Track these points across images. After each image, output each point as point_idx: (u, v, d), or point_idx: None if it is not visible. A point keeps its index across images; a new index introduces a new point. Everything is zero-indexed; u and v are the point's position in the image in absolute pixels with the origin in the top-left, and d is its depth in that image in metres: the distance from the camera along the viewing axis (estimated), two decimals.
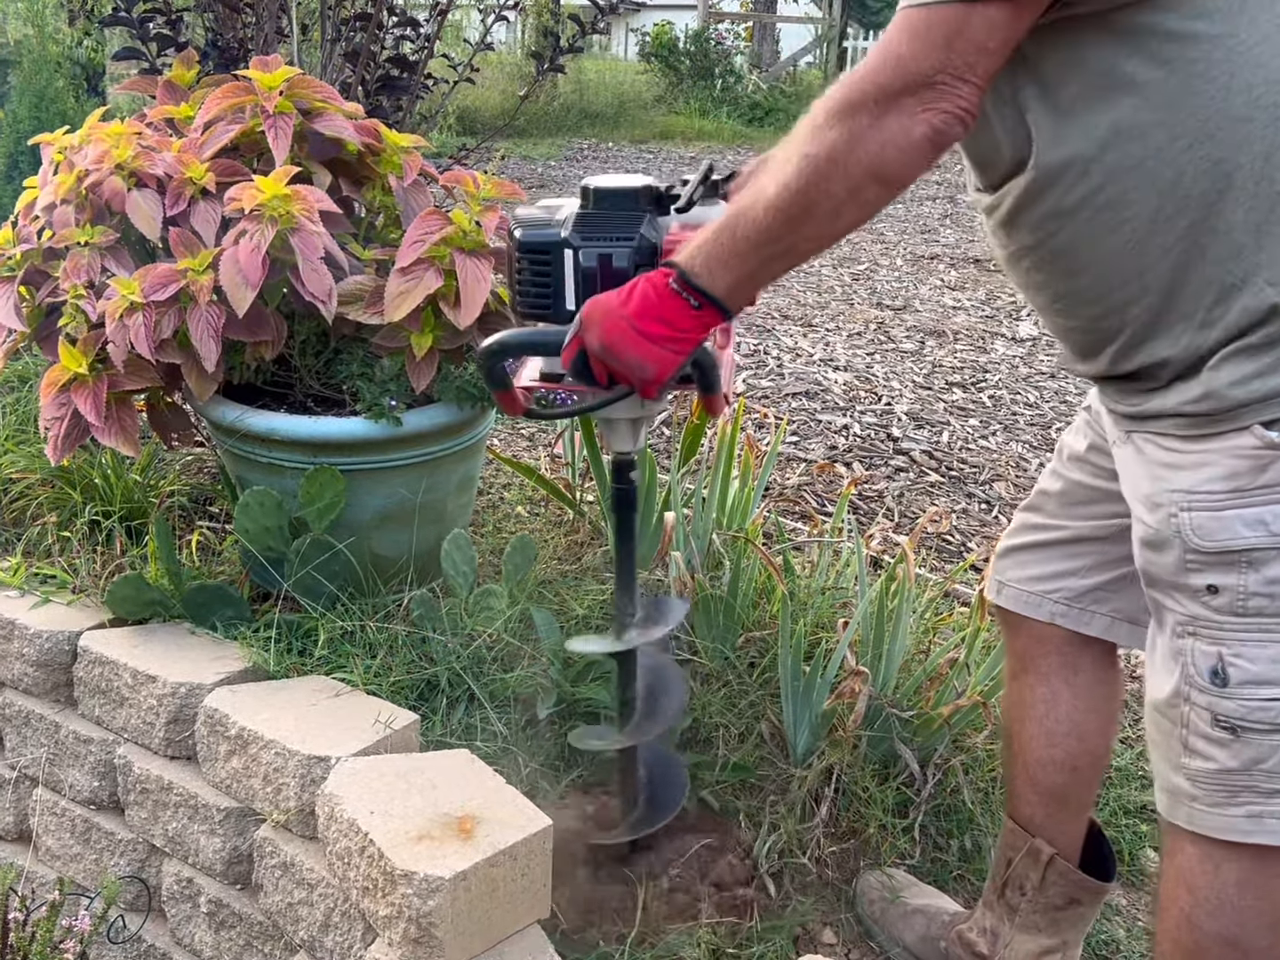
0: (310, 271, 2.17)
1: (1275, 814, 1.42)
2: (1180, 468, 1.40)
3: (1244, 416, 1.33)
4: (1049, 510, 1.80)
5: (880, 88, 1.25)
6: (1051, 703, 1.83)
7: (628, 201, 1.60)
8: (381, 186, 2.46)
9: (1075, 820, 1.89)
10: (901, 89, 1.24)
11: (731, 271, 1.37)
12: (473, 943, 1.69)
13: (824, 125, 1.28)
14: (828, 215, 1.31)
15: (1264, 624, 1.37)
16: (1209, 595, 1.39)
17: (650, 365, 1.43)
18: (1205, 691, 1.42)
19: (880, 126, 1.25)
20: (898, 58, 1.25)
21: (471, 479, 2.57)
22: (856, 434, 3.95)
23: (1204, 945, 1.51)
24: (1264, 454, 1.33)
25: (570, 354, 1.49)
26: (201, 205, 2.29)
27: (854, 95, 1.26)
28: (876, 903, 2.10)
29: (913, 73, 1.24)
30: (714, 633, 2.42)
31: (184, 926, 2.16)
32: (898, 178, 1.29)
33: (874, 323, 5.37)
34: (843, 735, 2.21)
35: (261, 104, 2.32)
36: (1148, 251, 1.35)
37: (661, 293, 1.40)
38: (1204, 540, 1.38)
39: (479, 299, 2.19)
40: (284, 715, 2.02)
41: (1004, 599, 1.86)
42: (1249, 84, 1.28)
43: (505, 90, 11.75)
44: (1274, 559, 1.34)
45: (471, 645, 2.24)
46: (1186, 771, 1.47)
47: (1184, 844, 1.51)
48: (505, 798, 1.83)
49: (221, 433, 2.36)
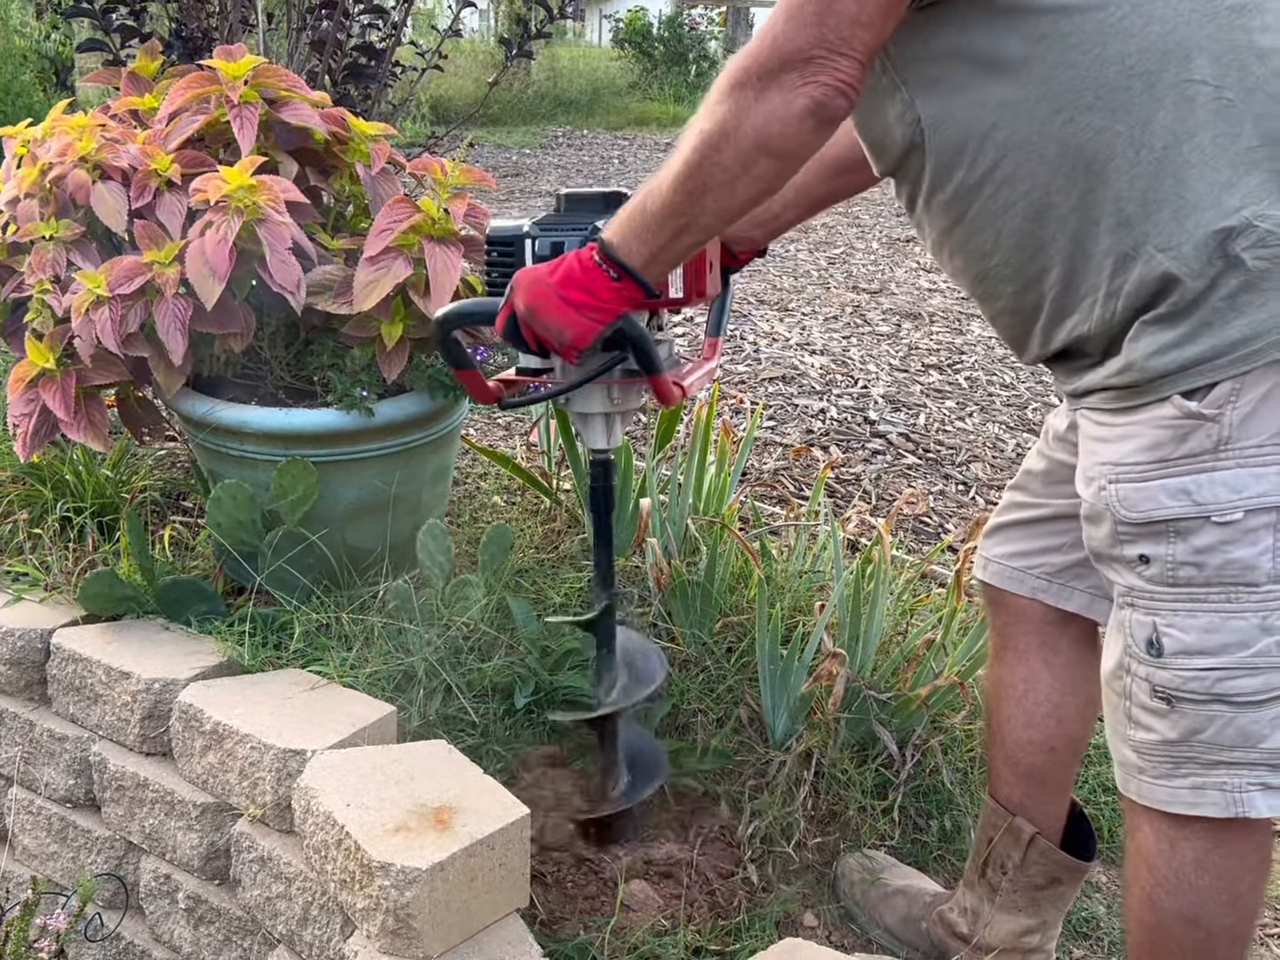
0: (278, 262, 2.15)
1: (1216, 785, 1.43)
2: (1107, 441, 1.43)
3: (1164, 387, 1.35)
4: (1033, 489, 1.81)
5: (761, 64, 1.31)
6: (1030, 683, 1.84)
7: (592, 203, 1.73)
8: (349, 175, 2.44)
9: (1055, 800, 1.90)
10: (780, 65, 1.30)
11: (645, 245, 1.44)
12: (451, 933, 1.68)
13: (715, 102, 1.35)
14: (723, 187, 1.37)
15: (1194, 594, 1.39)
16: (1141, 566, 1.41)
17: (569, 330, 1.50)
18: (1143, 662, 1.44)
19: (763, 100, 1.31)
20: (774, 36, 1.30)
21: (446, 469, 2.56)
22: (833, 418, 3.95)
23: (1165, 924, 1.53)
24: (1184, 423, 1.34)
25: (502, 318, 1.57)
26: (167, 197, 2.27)
27: (739, 73, 1.33)
28: (857, 885, 2.10)
29: (789, 49, 1.29)
30: (691, 618, 2.41)
31: (163, 923, 2.15)
32: (785, 150, 1.34)
33: (850, 306, 5.37)
34: (821, 718, 2.21)
35: (226, 94, 2.29)
36: (1047, 224, 1.39)
37: (585, 264, 1.47)
38: (1130, 511, 1.40)
39: (449, 287, 2.17)
40: (259, 709, 2.01)
41: (989, 575, 1.87)
42: (1121, 53, 1.31)
43: (479, 79, 11.69)
44: (1200, 528, 1.36)
45: (447, 635, 2.23)
46: (1132, 743, 1.49)
47: (1141, 823, 1.53)
48: (483, 787, 1.82)
49: (192, 426, 2.34)
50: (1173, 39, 1.30)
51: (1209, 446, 1.34)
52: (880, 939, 2.06)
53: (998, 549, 1.85)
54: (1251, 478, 1.33)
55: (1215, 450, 1.34)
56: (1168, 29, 1.30)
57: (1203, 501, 1.35)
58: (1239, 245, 1.29)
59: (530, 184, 8.56)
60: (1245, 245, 1.29)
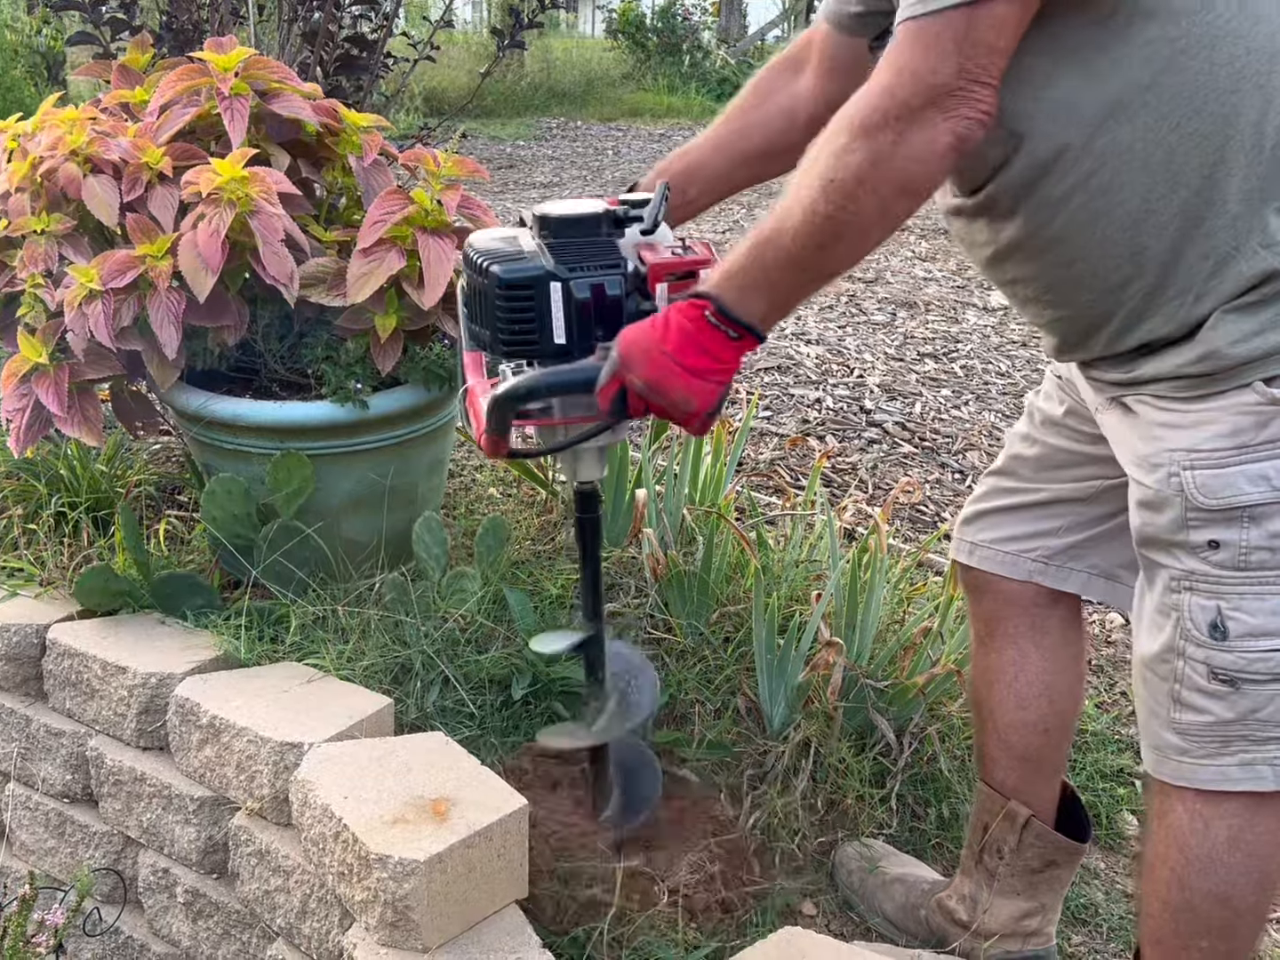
0: (271, 254, 2.14)
1: (1267, 760, 1.45)
2: (1180, 427, 1.41)
3: (1245, 374, 1.36)
4: (1024, 475, 1.80)
5: (901, 103, 1.24)
6: (1021, 665, 1.84)
7: (592, 228, 1.56)
8: (342, 167, 2.44)
9: (1049, 782, 1.91)
10: (923, 103, 1.23)
11: (765, 299, 1.36)
12: (450, 925, 1.68)
13: (845, 148, 1.27)
14: (858, 235, 1.31)
15: (1264, 577, 1.40)
16: (1209, 551, 1.41)
17: (695, 399, 1.40)
18: (1203, 645, 1.44)
19: (905, 143, 1.24)
20: (913, 72, 1.24)
21: (442, 461, 2.56)
22: (829, 407, 3.95)
23: (1194, 903, 1.54)
24: (1266, 410, 1.36)
25: (611, 393, 1.44)
26: (159, 190, 2.26)
27: (873, 115, 1.25)
28: (855, 873, 2.10)
29: (930, 85, 1.23)
30: (688, 609, 2.41)
31: (161, 917, 2.15)
32: (926, 189, 1.30)
33: (845, 295, 5.36)
34: (819, 707, 2.21)
35: (217, 86, 2.28)
36: (1143, 232, 1.36)
37: (700, 325, 1.37)
38: (1207, 498, 1.40)
39: (443, 279, 2.16)
40: (256, 703, 2.00)
41: (976, 560, 1.86)
42: (1231, 56, 1.29)
43: (472, 71, 11.66)
44: (1276, 513, 1.37)
45: (444, 628, 2.22)
46: (1177, 726, 1.49)
47: (1174, 804, 1.53)
48: (480, 779, 1.82)
49: (186, 420, 2.34)
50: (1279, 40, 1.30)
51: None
52: (879, 927, 2.06)
53: (985, 534, 1.84)
54: None
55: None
56: (1275, 28, 1.30)
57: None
58: None
59: (524, 175, 8.54)
60: None
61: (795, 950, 1.73)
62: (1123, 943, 2.13)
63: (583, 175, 8.66)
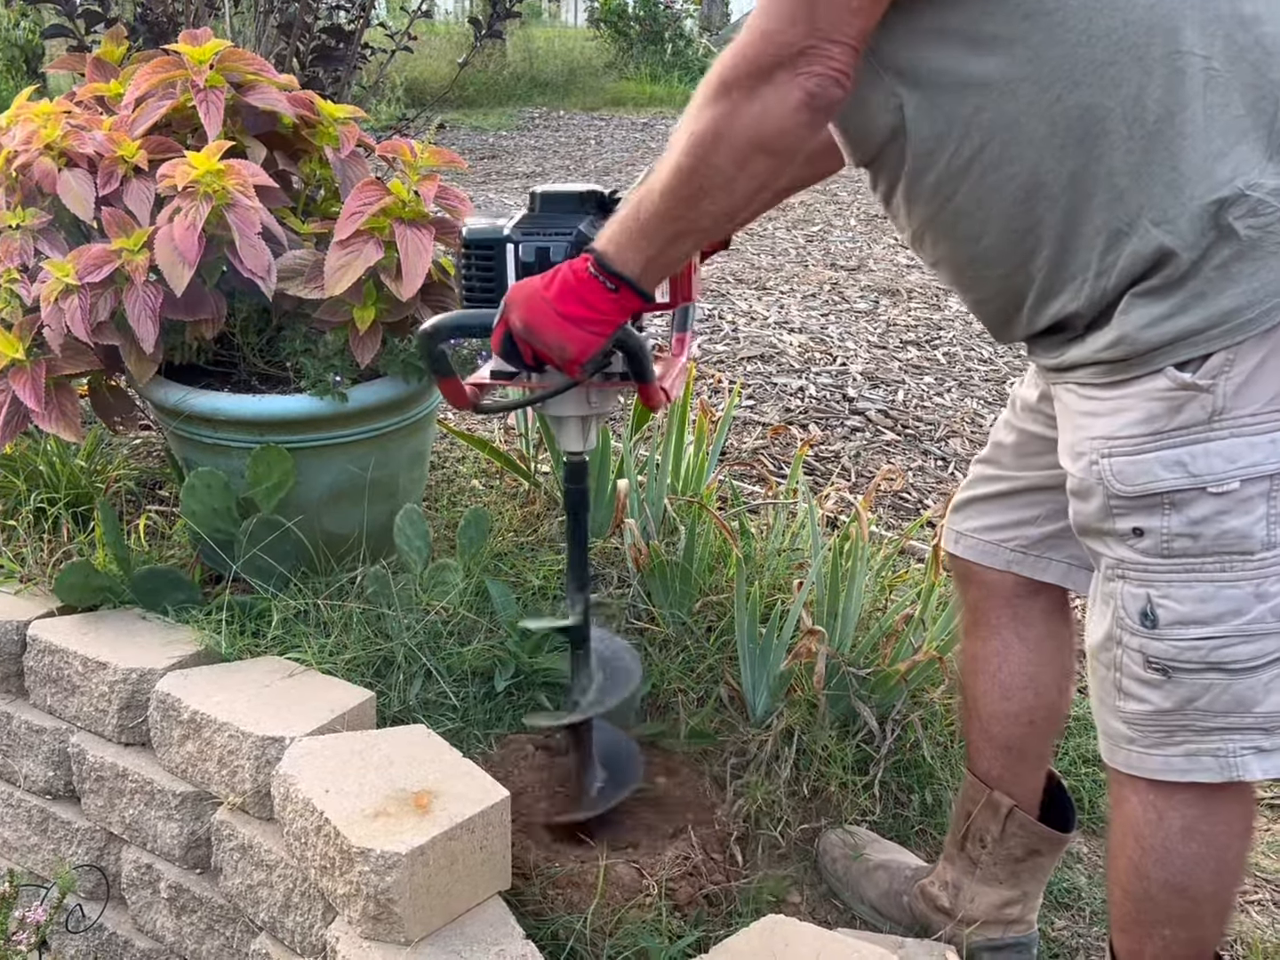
0: (248, 247, 2.14)
1: (1211, 751, 1.44)
2: (1098, 415, 1.41)
3: (1157, 359, 1.34)
4: (1004, 462, 1.81)
5: (751, 60, 1.28)
6: (1004, 656, 1.84)
7: (570, 203, 1.67)
8: (319, 159, 2.43)
9: (1033, 772, 1.91)
10: (772, 61, 1.27)
11: (641, 253, 1.41)
12: (433, 917, 1.68)
13: (705, 104, 1.31)
14: (721, 189, 1.34)
15: (1189, 564, 1.39)
16: (1135, 538, 1.41)
17: (570, 345, 1.47)
18: (1136, 634, 1.44)
19: (756, 96, 1.28)
20: (763, 31, 1.27)
21: (423, 453, 2.55)
22: (812, 395, 3.95)
23: (1152, 893, 1.54)
24: (1178, 395, 1.34)
25: (498, 335, 1.53)
26: (134, 184, 2.25)
27: (728, 72, 1.29)
28: (839, 861, 2.10)
29: (780, 44, 1.26)
30: (670, 599, 2.41)
31: (145, 913, 2.14)
32: (782, 146, 1.31)
33: (828, 284, 5.36)
34: (801, 695, 2.21)
35: (192, 79, 2.27)
36: (1037, 204, 1.37)
37: (580, 276, 1.44)
38: (1125, 485, 1.39)
39: (421, 270, 2.16)
40: (237, 697, 2.00)
41: (961, 549, 1.86)
42: (1108, 28, 1.29)
43: (453, 61, 11.58)
44: (1195, 499, 1.36)
45: (426, 620, 2.22)
46: (1122, 714, 1.50)
47: (1128, 794, 1.53)
48: (462, 771, 1.82)
49: (165, 415, 2.33)
50: (1159, 12, 1.29)
51: (1203, 418, 1.34)
52: (863, 914, 2.07)
53: (969, 523, 1.85)
54: (1246, 447, 1.33)
55: (1209, 421, 1.34)
56: (1153, 1, 1.29)
57: (1198, 473, 1.35)
58: (1232, 215, 1.29)
59: (507, 166, 8.52)
60: (1238, 215, 1.29)
61: (779, 938, 1.73)
62: (1106, 926, 2.12)
63: (565, 165, 8.64)
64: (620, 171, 8.38)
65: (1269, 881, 2.29)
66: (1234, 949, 2.12)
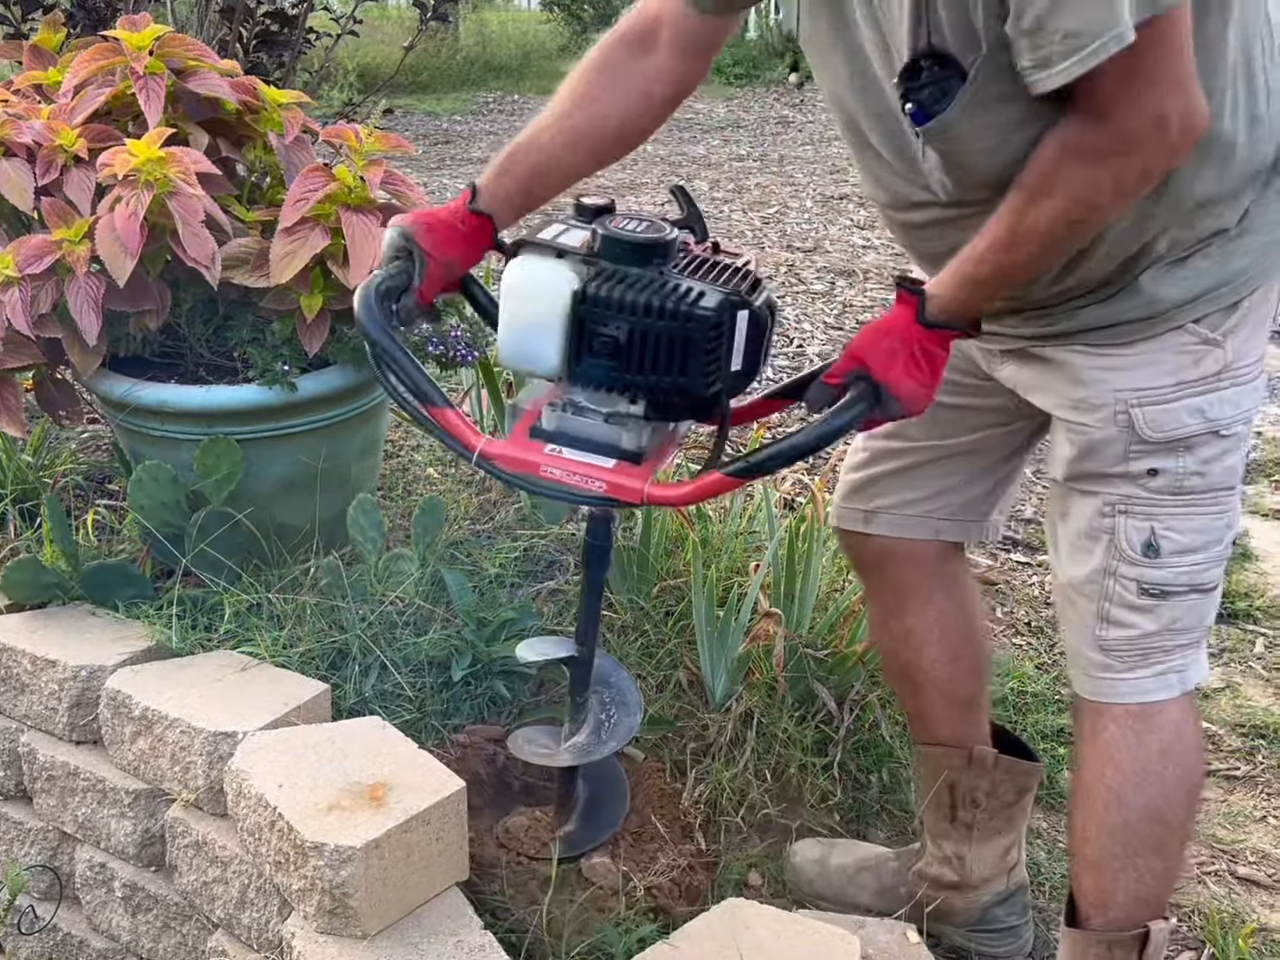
0: (191, 236, 2.10)
1: (1175, 668, 1.59)
2: (1120, 369, 1.51)
3: (1178, 316, 1.47)
4: (911, 435, 1.81)
5: (1125, 140, 1.28)
6: (942, 622, 1.90)
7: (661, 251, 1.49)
8: (263, 145, 2.39)
9: (984, 718, 1.98)
10: (1137, 131, 1.27)
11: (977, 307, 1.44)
12: (390, 910, 1.66)
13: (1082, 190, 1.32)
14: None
15: (1194, 499, 1.53)
16: (1148, 478, 1.52)
17: None
18: (1135, 564, 1.55)
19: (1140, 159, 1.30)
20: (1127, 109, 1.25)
21: (375, 442, 2.53)
22: (769, 378, 3.94)
23: (1131, 821, 1.62)
24: (1199, 349, 1.48)
25: None
26: (75, 173, 2.21)
27: (1083, 149, 1.29)
28: (816, 880, 2.08)
29: (1141, 112, 1.26)
30: (628, 584, 2.41)
31: (100, 912, 2.11)
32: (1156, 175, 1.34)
33: (785, 265, 5.36)
34: (760, 679, 2.21)
35: (131, 65, 2.23)
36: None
37: (943, 346, 1.43)
38: (1155, 431, 1.50)
39: (368, 256, 2.13)
40: (189, 693, 1.97)
41: (876, 526, 1.87)
42: None
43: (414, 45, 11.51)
44: (1206, 441, 1.50)
45: (381, 610, 2.20)
46: (1103, 642, 1.59)
47: (1106, 723, 1.62)
48: (418, 762, 1.80)
49: (112, 408, 2.29)
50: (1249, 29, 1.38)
51: (1216, 369, 1.48)
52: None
53: (882, 500, 1.85)
54: (1244, 394, 1.50)
55: (1220, 373, 1.48)
56: None
57: (1214, 418, 1.49)
58: None
59: (461, 151, 8.46)
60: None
61: (739, 921, 1.73)
62: (1064, 901, 2.14)
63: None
64: None
65: (1225, 852, 2.31)
66: (1191, 919, 2.14)
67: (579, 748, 1.85)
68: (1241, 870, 2.27)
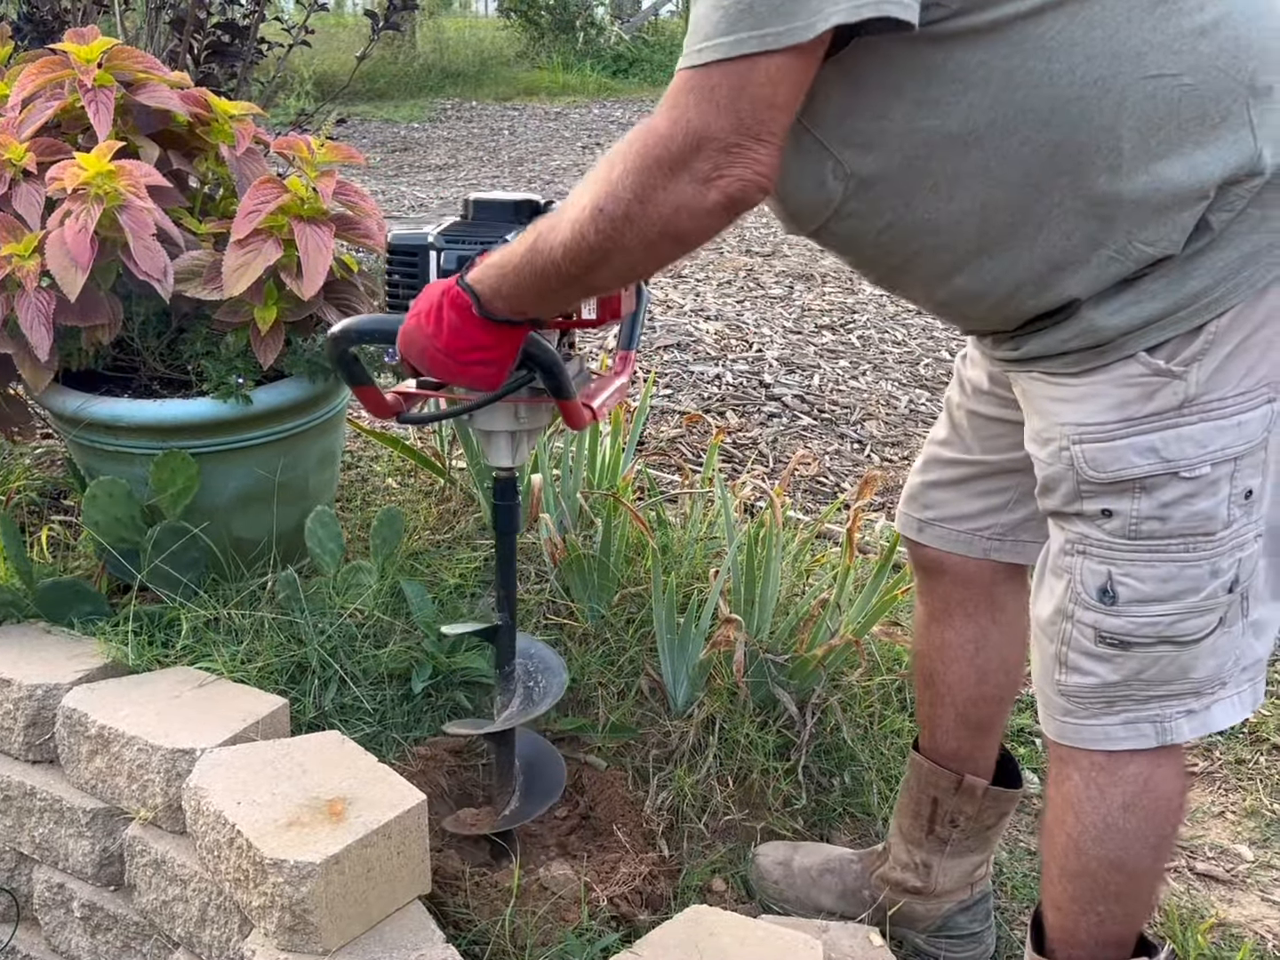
0: (142, 249, 2.08)
1: (1149, 719, 1.47)
2: (1067, 401, 1.40)
3: (1128, 345, 1.34)
4: (963, 444, 1.77)
5: (670, 151, 1.19)
6: (981, 641, 1.84)
7: (503, 212, 1.65)
8: (214, 157, 2.37)
9: (995, 743, 1.94)
10: (692, 153, 1.18)
11: (531, 305, 1.41)
12: (351, 925, 1.65)
13: (617, 178, 1.23)
14: (623, 266, 1.31)
15: (1154, 545, 1.39)
16: (1103, 519, 1.41)
17: (480, 383, 1.51)
18: (1091, 609, 1.44)
19: (672, 189, 1.20)
20: (687, 123, 1.18)
21: (333, 454, 2.52)
22: (729, 383, 3.95)
23: (1090, 869, 1.55)
24: (1151, 381, 1.34)
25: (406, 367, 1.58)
26: (23, 187, 2.19)
27: (643, 155, 1.21)
28: (780, 882, 2.08)
29: (701, 136, 1.18)
30: (589, 592, 2.40)
31: (59, 933, 2.09)
32: (692, 238, 1.26)
33: (743, 270, 5.37)
34: (721, 684, 2.21)
35: (80, 78, 2.21)
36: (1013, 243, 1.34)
37: (466, 319, 1.43)
38: (1097, 471, 1.39)
39: (322, 268, 2.12)
40: (146, 710, 1.96)
41: (928, 538, 1.83)
42: (1069, 65, 1.26)
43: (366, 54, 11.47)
44: (1166, 483, 1.36)
45: (340, 623, 2.19)
46: (1062, 688, 1.50)
47: (1070, 771, 1.54)
48: (377, 776, 1.80)
49: (65, 423, 2.27)
50: (1118, 39, 1.26)
51: (1175, 404, 1.34)
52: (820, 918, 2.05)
53: (933, 511, 1.81)
54: (1215, 431, 1.34)
55: (1180, 407, 1.34)
56: (1109, 31, 1.26)
57: (1171, 458, 1.35)
58: (1210, 212, 1.29)
59: (419, 158, 8.44)
60: (1214, 210, 1.29)
61: (703, 929, 1.73)
62: (1027, 900, 2.16)
63: (479, 156, 8.58)
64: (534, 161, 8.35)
65: (1183, 848, 2.33)
66: (1149, 916, 2.16)
67: (517, 712, 1.88)
68: (1200, 866, 2.29)
